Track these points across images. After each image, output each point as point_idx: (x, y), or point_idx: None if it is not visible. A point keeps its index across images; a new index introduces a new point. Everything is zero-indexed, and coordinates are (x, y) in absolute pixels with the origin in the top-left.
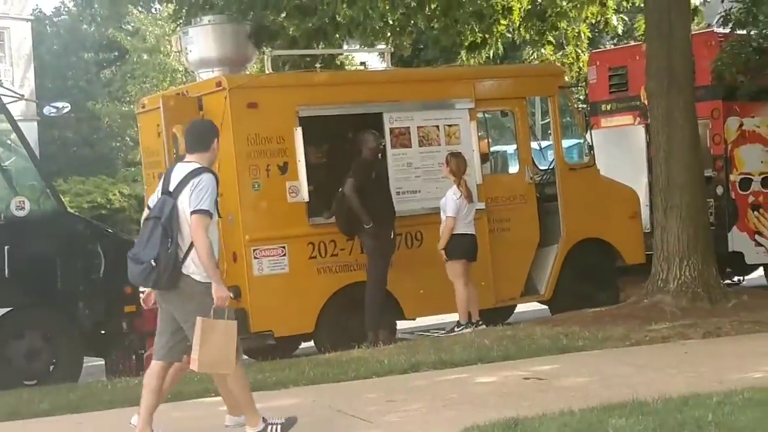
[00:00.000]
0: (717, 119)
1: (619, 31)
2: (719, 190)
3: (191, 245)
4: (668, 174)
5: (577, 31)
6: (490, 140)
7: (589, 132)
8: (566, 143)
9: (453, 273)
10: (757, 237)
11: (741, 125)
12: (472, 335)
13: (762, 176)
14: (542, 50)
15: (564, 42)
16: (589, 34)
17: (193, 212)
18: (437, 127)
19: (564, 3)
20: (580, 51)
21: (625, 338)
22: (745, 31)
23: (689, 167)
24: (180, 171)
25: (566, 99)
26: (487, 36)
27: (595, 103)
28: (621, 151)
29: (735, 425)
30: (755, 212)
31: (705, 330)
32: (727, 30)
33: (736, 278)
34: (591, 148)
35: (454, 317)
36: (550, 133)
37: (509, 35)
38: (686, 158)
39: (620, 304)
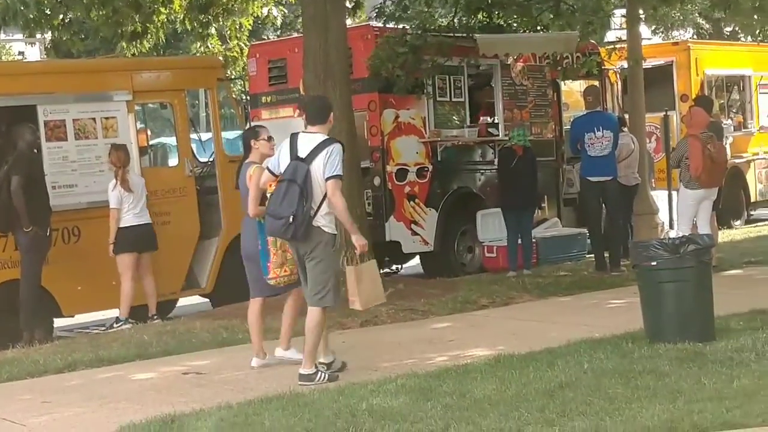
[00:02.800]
0: (374, 111)
1: (278, 24)
2: (377, 180)
3: (321, 203)
4: None
5: (238, 23)
6: (149, 133)
7: (248, 124)
8: (227, 135)
9: (121, 266)
10: (413, 226)
11: (397, 117)
12: (131, 331)
13: (417, 167)
14: (208, 44)
15: (227, 35)
16: (250, 26)
17: (329, 178)
18: (94, 119)
19: None
20: (243, 45)
21: None
22: (399, 26)
23: (345, 159)
24: (308, 140)
25: (226, 91)
26: (148, 25)
27: (255, 95)
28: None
29: (387, 412)
30: (411, 202)
31: (362, 319)
32: (383, 24)
33: (394, 267)
34: None
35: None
36: (210, 126)
37: (171, 25)
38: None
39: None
